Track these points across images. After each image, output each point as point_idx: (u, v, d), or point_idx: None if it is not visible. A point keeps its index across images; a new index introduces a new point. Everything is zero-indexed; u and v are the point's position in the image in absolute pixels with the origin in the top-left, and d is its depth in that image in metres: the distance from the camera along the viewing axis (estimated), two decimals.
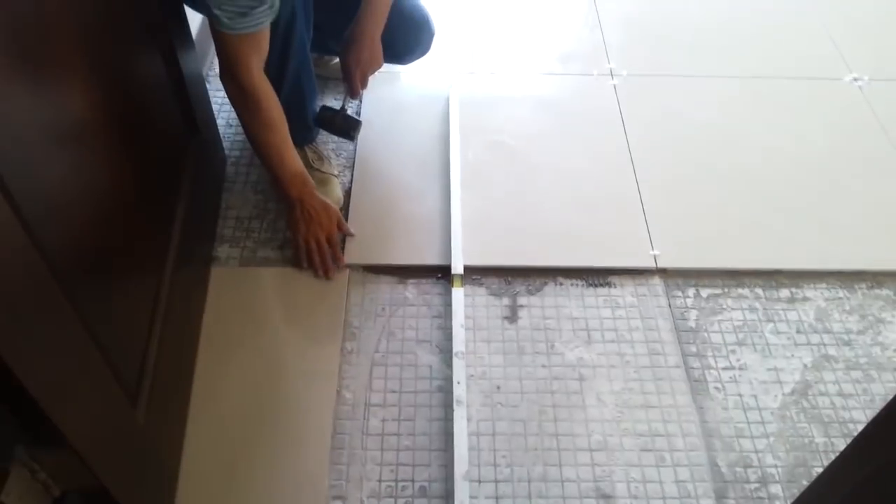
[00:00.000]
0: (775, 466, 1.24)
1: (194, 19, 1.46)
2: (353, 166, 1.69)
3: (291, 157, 1.42)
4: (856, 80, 1.97)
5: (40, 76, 0.83)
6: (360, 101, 1.82)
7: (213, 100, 1.60)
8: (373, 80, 1.62)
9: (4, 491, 0.79)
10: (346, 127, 1.63)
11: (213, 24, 1.24)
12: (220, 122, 1.69)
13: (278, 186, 1.44)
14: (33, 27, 0.81)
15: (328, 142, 1.72)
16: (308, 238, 1.45)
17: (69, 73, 0.91)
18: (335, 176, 1.63)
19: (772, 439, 1.27)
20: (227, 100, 1.40)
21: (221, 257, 1.51)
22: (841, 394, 1.34)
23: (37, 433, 0.81)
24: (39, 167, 0.80)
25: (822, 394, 1.34)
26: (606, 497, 1.20)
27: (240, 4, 1.18)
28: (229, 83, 1.33)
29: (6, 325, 0.69)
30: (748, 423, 1.29)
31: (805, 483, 1.22)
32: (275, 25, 1.29)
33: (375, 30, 1.49)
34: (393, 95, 1.88)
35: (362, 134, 1.69)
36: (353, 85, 1.56)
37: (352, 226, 1.54)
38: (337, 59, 1.79)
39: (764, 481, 1.23)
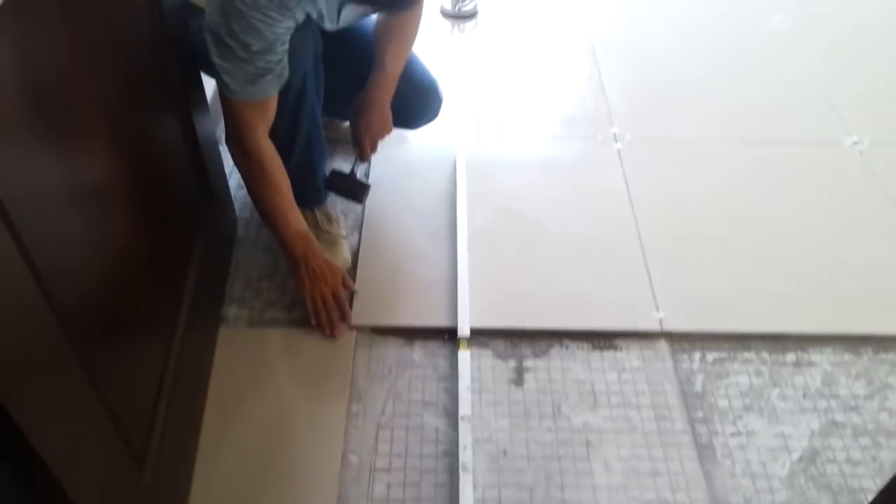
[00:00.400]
0: None
1: (209, 83, 1.51)
2: (362, 227, 1.72)
3: (295, 218, 1.45)
4: (856, 143, 2.00)
5: (63, 140, 0.85)
6: (369, 164, 1.86)
7: (225, 161, 1.63)
8: (382, 142, 1.66)
9: None
10: (356, 190, 1.66)
11: (222, 90, 1.28)
12: (231, 183, 1.72)
13: (282, 246, 1.46)
14: (58, 94, 0.84)
15: (336, 203, 1.74)
16: (314, 295, 1.46)
17: (90, 137, 0.93)
18: (343, 237, 1.65)
19: None
20: None
21: (230, 318, 1.52)
22: (850, 461, 1.33)
23: (39, 497, 0.81)
24: (58, 228, 0.82)
25: (830, 461, 1.33)
26: None
27: (248, 72, 1.23)
28: (235, 148, 1.37)
29: (18, 384, 0.70)
30: (756, 491, 1.28)
31: None
32: (286, 92, 1.33)
33: (386, 97, 1.54)
34: (401, 157, 1.92)
35: (370, 195, 1.72)
36: (363, 150, 1.60)
37: (359, 286, 1.56)
38: (347, 123, 1.84)
39: None
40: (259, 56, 1.20)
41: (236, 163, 1.40)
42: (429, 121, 1.75)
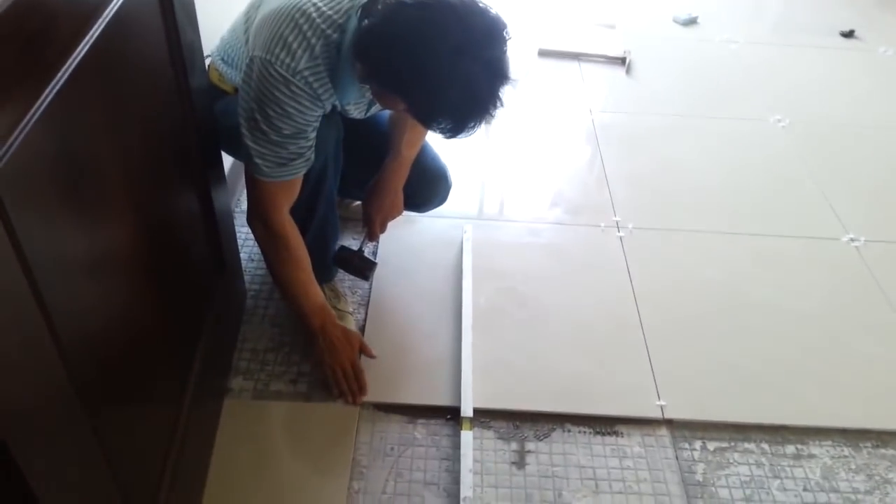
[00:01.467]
0: None
1: (226, 159, 1.55)
2: (368, 304, 1.75)
3: (315, 291, 1.48)
4: (853, 240, 2.05)
5: (88, 213, 0.89)
6: (377, 243, 1.91)
7: (238, 234, 1.68)
8: (391, 223, 1.71)
9: None
10: (362, 267, 1.70)
11: (252, 170, 1.33)
12: (242, 255, 1.77)
13: (301, 319, 1.49)
14: (88, 170, 0.87)
15: (344, 279, 1.78)
16: (334, 366, 1.49)
17: (114, 210, 0.97)
18: (350, 313, 1.68)
19: None
20: (250, 234, 1.47)
21: (235, 389, 1.53)
22: None
23: None
24: (77, 294, 0.85)
25: None
26: None
27: (281, 156, 1.28)
28: (258, 225, 1.41)
29: (31, 443, 0.72)
30: None
31: None
32: (307, 175, 1.38)
33: (399, 181, 1.60)
34: (409, 237, 1.96)
35: (378, 273, 1.76)
36: (372, 230, 1.65)
37: (364, 363, 1.57)
38: (357, 202, 1.89)
39: None
40: (291, 140, 1.26)
41: (259, 239, 1.44)
42: (437, 205, 1.80)
